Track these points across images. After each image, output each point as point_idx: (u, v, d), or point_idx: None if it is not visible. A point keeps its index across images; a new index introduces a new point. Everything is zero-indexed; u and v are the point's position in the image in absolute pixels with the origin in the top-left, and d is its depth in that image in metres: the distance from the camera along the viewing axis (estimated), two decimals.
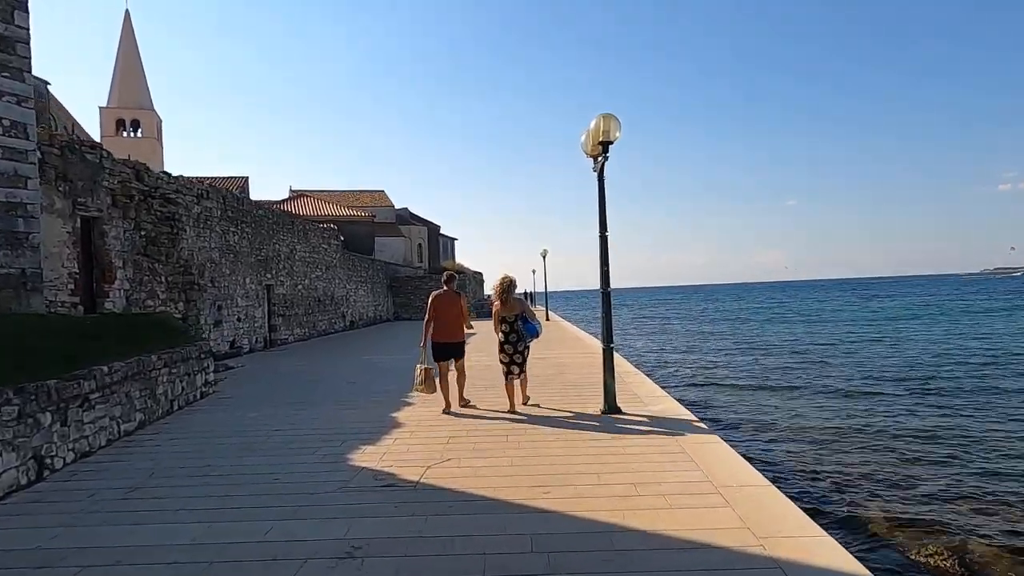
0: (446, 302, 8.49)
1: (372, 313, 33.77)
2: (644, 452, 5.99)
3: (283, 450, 6.49)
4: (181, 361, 9.28)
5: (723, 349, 31.82)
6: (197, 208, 15.49)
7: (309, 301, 23.69)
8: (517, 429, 7.10)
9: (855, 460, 10.46)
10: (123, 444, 7.03)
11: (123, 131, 58.74)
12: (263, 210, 19.97)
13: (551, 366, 12.81)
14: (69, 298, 11.12)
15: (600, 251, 7.91)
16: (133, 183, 12.94)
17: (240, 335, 17.53)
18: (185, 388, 9.39)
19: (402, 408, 8.58)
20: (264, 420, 8.09)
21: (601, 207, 7.91)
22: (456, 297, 8.61)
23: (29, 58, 10.16)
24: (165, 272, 13.66)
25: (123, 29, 61.98)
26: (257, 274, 18.97)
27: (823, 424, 13.36)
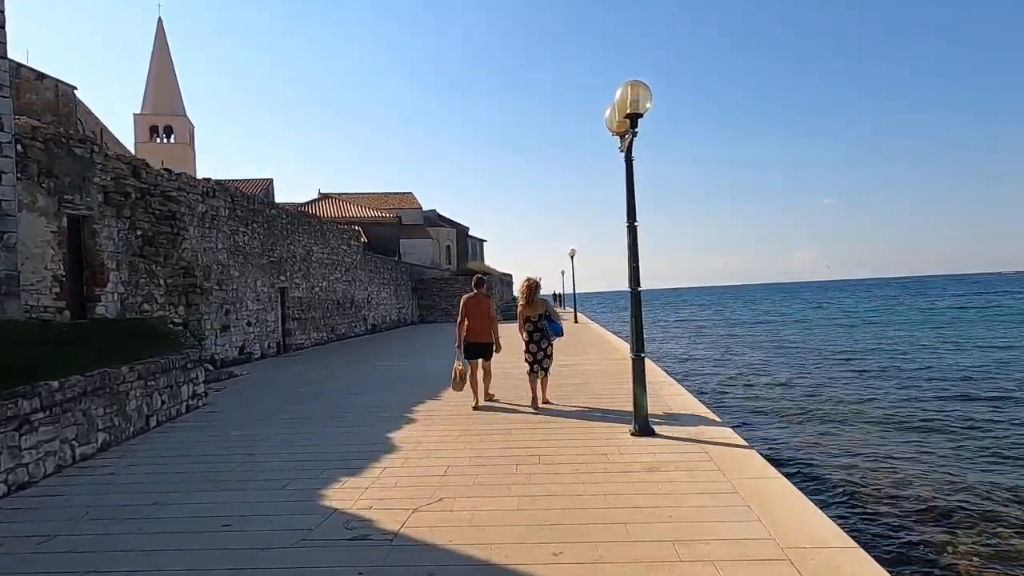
0: (477, 304, 8.86)
1: (395, 316, 32.93)
2: (685, 492, 4.79)
3: (248, 483, 5.46)
4: (161, 372, 8.36)
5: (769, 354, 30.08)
6: (202, 207, 14.69)
7: (327, 304, 22.87)
8: (529, 456, 5.96)
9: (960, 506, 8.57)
10: (75, 471, 6.08)
11: (157, 137, 59.32)
12: (276, 209, 19.17)
13: (575, 374, 11.63)
14: (53, 303, 10.32)
15: (629, 244, 6.73)
16: (128, 180, 12.14)
17: (250, 340, 16.71)
18: (166, 402, 8.46)
19: (402, 426, 7.51)
20: (243, 442, 7.08)
21: (629, 193, 6.73)
22: (485, 299, 8.97)
23: (4, 43, 9.38)
24: (164, 274, 12.85)
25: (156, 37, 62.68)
26: (269, 276, 18.16)
27: (906, 450, 11.39)
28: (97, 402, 6.86)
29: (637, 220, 6.73)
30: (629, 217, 6.70)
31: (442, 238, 63.58)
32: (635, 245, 6.71)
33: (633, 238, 6.71)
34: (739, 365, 25.91)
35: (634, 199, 6.73)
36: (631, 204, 6.71)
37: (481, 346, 8.86)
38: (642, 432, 6.59)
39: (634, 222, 6.71)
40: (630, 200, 6.72)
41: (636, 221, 6.72)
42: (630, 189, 6.72)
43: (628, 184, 6.73)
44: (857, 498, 8.84)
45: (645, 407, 6.66)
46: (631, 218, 6.70)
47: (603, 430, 6.98)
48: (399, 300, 34.04)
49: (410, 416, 8.12)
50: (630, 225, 6.71)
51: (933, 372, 21.24)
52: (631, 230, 6.71)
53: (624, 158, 6.77)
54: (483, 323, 8.84)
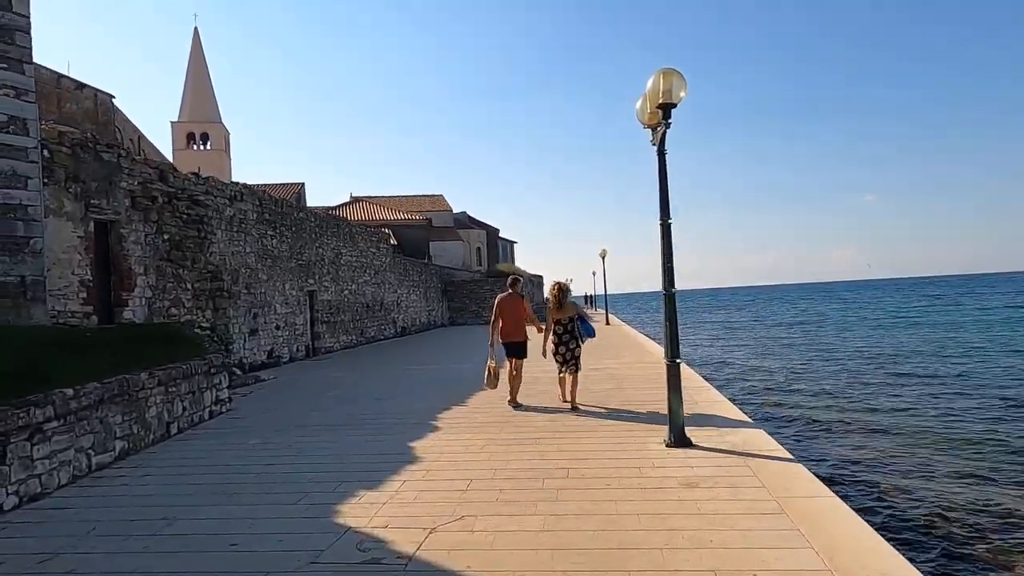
0: (510, 305, 9.10)
1: (425, 319, 32.82)
2: (727, 512, 4.39)
3: (263, 497, 5.21)
4: (183, 378, 8.22)
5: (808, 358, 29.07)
6: (230, 210, 14.66)
7: (356, 307, 22.80)
8: (558, 469, 5.61)
9: None
10: (90, 481, 5.92)
11: (193, 144, 60.53)
12: (304, 213, 19.14)
13: (607, 378, 11.22)
14: (80, 308, 10.30)
15: (662, 243, 6.34)
16: (155, 184, 12.12)
17: (279, 344, 16.66)
18: (188, 408, 8.31)
19: (425, 435, 7.21)
20: (261, 450, 6.87)
21: (662, 188, 6.34)
22: (519, 300, 9.19)
23: (30, 48, 9.36)
24: (191, 278, 12.81)
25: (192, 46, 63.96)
26: (298, 280, 18.11)
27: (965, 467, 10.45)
28: (115, 410, 6.72)
29: (671, 217, 6.33)
30: (662, 214, 6.31)
31: (472, 240, 63.53)
32: (669, 244, 6.32)
33: (667, 236, 6.31)
34: (778, 369, 24.93)
35: (667, 195, 6.34)
36: (664, 200, 6.32)
37: (516, 345, 9.09)
38: (678, 443, 6.19)
39: (667, 219, 6.32)
40: (663, 196, 6.32)
41: (670, 218, 6.33)
42: (663, 185, 6.33)
43: (661, 179, 6.33)
44: (916, 522, 8.24)
45: (681, 416, 6.25)
46: (664, 215, 6.30)
47: (636, 440, 6.58)
48: (429, 302, 33.94)
49: (435, 423, 7.83)
50: (663, 223, 6.31)
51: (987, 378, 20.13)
52: (664, 228, 6.32)
53: (656, 152, 6.38)
54: (517, 323, 9.08)
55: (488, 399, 9.50)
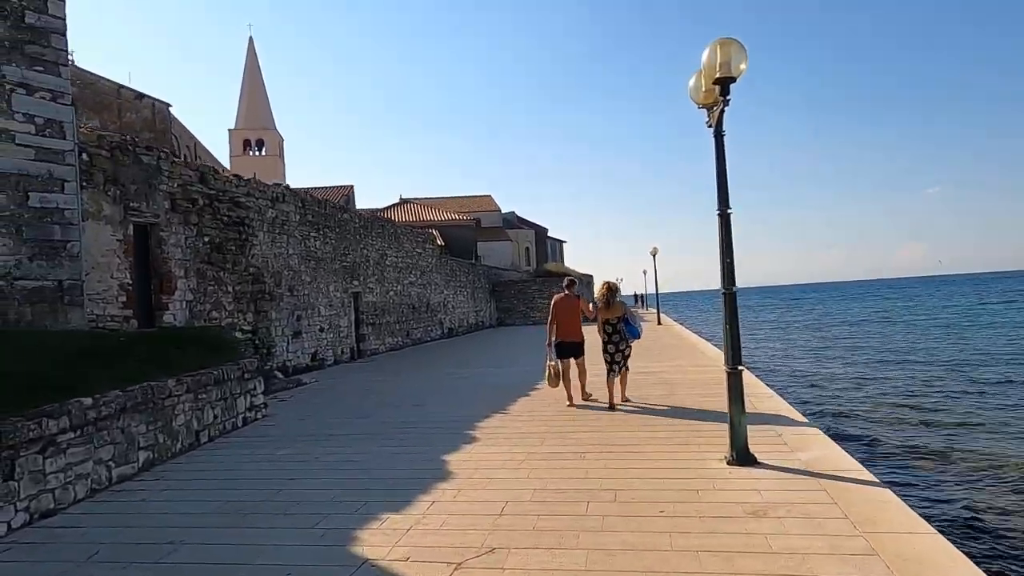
0: (567, 305, 9.14)
1: (473, 320, 32.48)
2: (804, 550, 3.70)
3: (279, 518, 4.77)
4: (214, 384, 7.93)
5: (878, 361, 27.13)
6: (272, 212, 14.52)
7: (402, 308, 22.57)
8: (604, 491, 5.00)
9: None
10: (108, 495, 5.62)
11: (249, 150, 62.13)
12: (348, 214, 18.96)
13: (659, 383, 10.50)
14: (120, 311, 10.21)
15: (720, 236, 5.65)
16: (196, 186, 12.01)
17: (323, 346, 16.48)
18: (219, 416, 8.02)
19: (461, 446, 6.70)
20: (289, 462, 6.47)
21: (720, 175, 5.65)
22: (576, 300, 9.27)
23: (65, 50, 9.27)
24: (232, 281, 12.67)
25: (247, 55, 65.65)
26: (342, 281, 17.93)
27: None
28: (138, 419, 6.43)
29: (731, 207, 5.63)
30: (720, 203, 5.62)
31: (521, 240, 63.12)
32: (728, 237, 5.62)
33: (725, 228, 5.62)
34: (845, 374, 23.25)
35: (726, 182, 5.64)
36: (723, 189, 5.62)
37: (573, 345, 9.10)
38: (741, 460, 5.49)
39: (727, 209, 5.62)
40: (721, 184, 5.63)
41: (729, 208, 5.63)
42: (721, 171, 5.64)
43: (719, 165, 5.64)
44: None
45: (744, 432, 5.55)
46: (723, 205, 5.61)
47: (693, 456, 5.91)
48: (476, 303, 33.59)
49: (472, 433, 7.31)
50: (722, 213, 5.62)
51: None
52: (723, 219, 5.62)
53: (713, 134, 5.70)
54: (574, 322, 9.11)
55: (531, 407, 8.94)
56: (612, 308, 8.84)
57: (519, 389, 10.65)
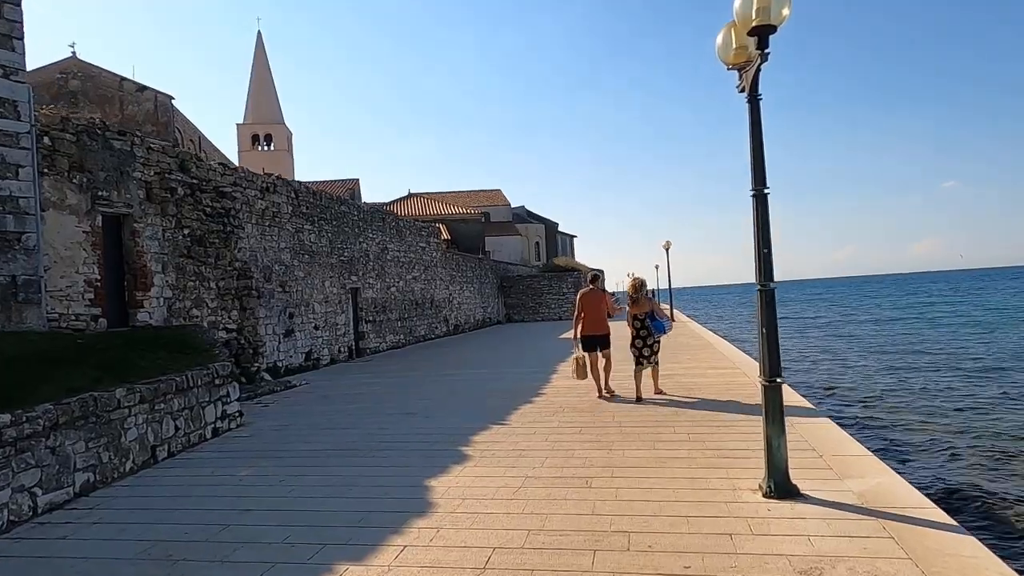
0: (592, 299, 9.34)
1: (480, 316, 31.57)
2: None
3: (212, 567, 3.87)
4: (176, 392, 7.06)
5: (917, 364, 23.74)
6: (261, 203, 13.66)
7: (404, 305, 21.69)
8: (615, 533, 4.06)
9: None
10: (29, 529, 4.76)
11: (258, 145, 61.56)
12: (346, 206, 18.08)
13: (676, 388, 9.53)
14: (87, 310, 9.37)
15: (755, 221, 4.68)
16: (175, 175, 11.15)
17: (318, 345, 15.63)
18: (182, 428, 7.15)
19: (450, 468, 5.78)
20: (247, 487, 5.59)
21: (755, 148, 4.68)
22: (601, 294, 9.49)
23: (20, 22, 8.39)
24: (215, 276, 11.82)
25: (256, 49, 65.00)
26: (339, 276, 17.06)
27: None
28: (76, 436, 5.56)
29: (768, 186, 4.66)
30: (756, 181, 4.65)
31: (531, 234, 62.16)
32: (765, 221, 4.65)
33: (762, 211, 4.65)
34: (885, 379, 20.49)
35: (762, 156, 4.67)
36: (758, 163, 4.66)
37: (598, 338, 9.21)
38: (781, 492, 4.53)
39: (763, 188, 4.65)
40: (757, 158, 4.66)
41: (767, 187, 4.66)
42: (756, 142, 4.67)
43: (754, 136, 4.67)
44: None
45: (784, 457, 4.59)
46: (759, 182, 4.64)
47: (721, 483, 4.95)
48: (484, 299, 32.67)
49: (464, 450, 6.39)
50: (757, 193, 4.66)
51: None
52: (759, 200, 4.66)
53: (747, 99, 4.72)
54: (599, 316, 9.27)
55: (533, 416, 8.02)
56: (639, 304, 9.02)
57: (522, 394, 9.73)
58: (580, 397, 9.30)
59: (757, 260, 4.64)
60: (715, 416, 7.46)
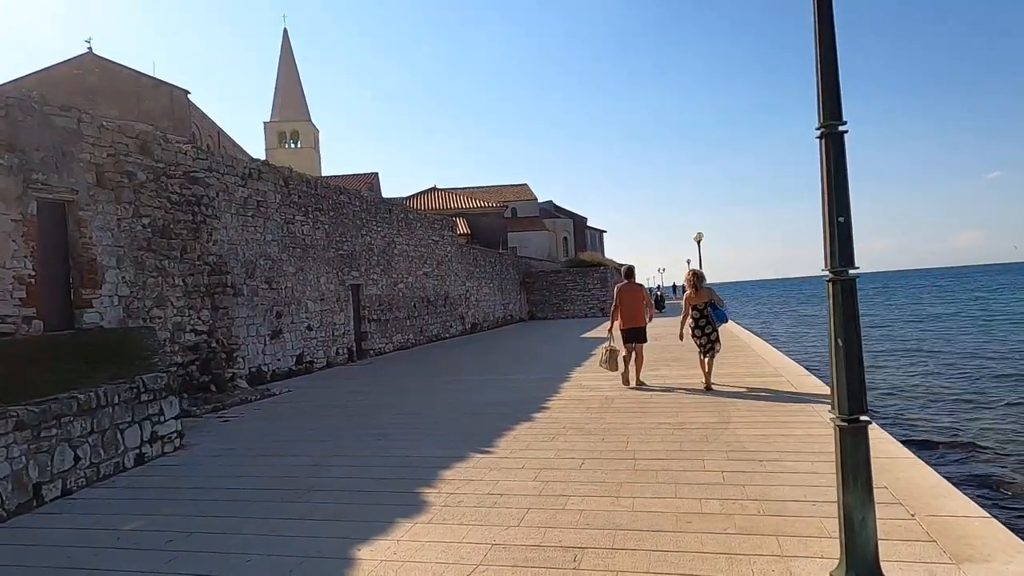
0: (630, 293, 9.64)
1: (500, 313, 30.06)
2: None
3: None
4: (76, 414, 5.68)
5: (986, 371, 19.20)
6: (243, 191, 12.33)
7: (414, 302, 20.29)
8: None
9: None
10: None
11: (285, 143, 61.16)
12: (346, 195, 16.72)
13: (705, 403, 7.87)
14: (16, 311, 8.09)
15: (824, 173, 3.05)
16: (132, 157, 9.86)
17: (311, 347, 14.29)
18: (88, 457, 5.78)
19: (394, 525, 4.26)
20: (122, 549, 4.15)
21: (825, 51, 3.04)
22: (639, 288, 9.79)
23: None
24: (182, 272, 10.50)
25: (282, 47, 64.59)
26: (338, 272, 15.71)
27: None
28: None
29: (844, 121, 3.03)
30: (827, 112, 3.02)
31: (559, 229, 60.52)
32: (840, 174, 3.02)
33: (836, 157, 3.02)
34: (972, 397, 15.21)
35: (836, 73, 3.03)
36: (830, 80, 3.02)
37: (636, 330, 9.56)
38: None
39: (837, 123, 3.02)
40: (828, 74, 3.03)
41: (842, 122, 3.02)
42: (826, 45, 3.03)
43: (822, 38, 3.04)
44: None
45: (873, 541, 2.96)
46: (831, 113, 3.01)
47: (773, 570, 3.34)
48: (504, 295, 31.15)
49: (424, 495, 4.87)
50: (828, 130, 3.02)
51: None
52: (831, 142, 3.02)
53: None
54: (637, 309, 9.59)
55: (527, 440, 6.47)
56: (699, 294, 9.17)
57: (523, 408, 8.20)
58: (589, 413, 7.72)
59: (827, 233, 3.01)
60: (757, 446, 5.80)
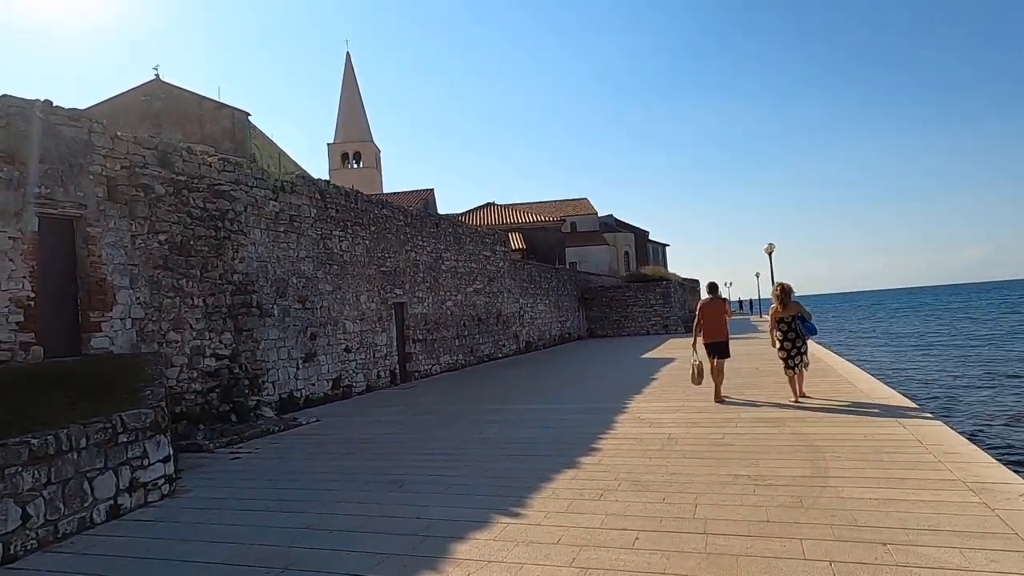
0: (712, 308, 9.96)
1: (556, 331, 28.73)
2: None
3: None
4: (27, 463, 4.78)
5: None
6: (274, 205, 11.59)
7: (464, 321, 19.26)
8: None
9: None
10: None
11: (347, 163, 62.16)
12: (389, 209, 15.88)
13: (797, 447, 6.40)
14: (13, 336, 7.41)
15: None
16: (149, 169, 9.19)
17: (350, 370, 13.40)
18: (42, 514, 4.86)
19: None
20: None
21: None
22: (721, 303, 10.10)
23: None
24: (202, 292, 9.75)
25: (345, 71, 65.90)
26: (379, 290, 14.84)
27: None
28: None
29: None
30: None
31: (620, 244, 58.86)
32: None
33: None
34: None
35: None
36: None
37: (718, 344, 9.76)
38: None
39: None
40: None
41: None
42: None
43: None
44: None
45: None
46: None
47: None
48: (561, 312, 29.82)
49: None
50: None
51: None
52: None
53: None
54: (719, 324, 9.80)
55: (566, 502, 5.19)
56: (787, 307, 9.24)
57: (569, 448, 6.94)
58: (647, 457, 6.38)
59: None
60: (874, 518, 4.35)
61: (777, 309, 9.34)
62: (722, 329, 9.76)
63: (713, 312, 9.84)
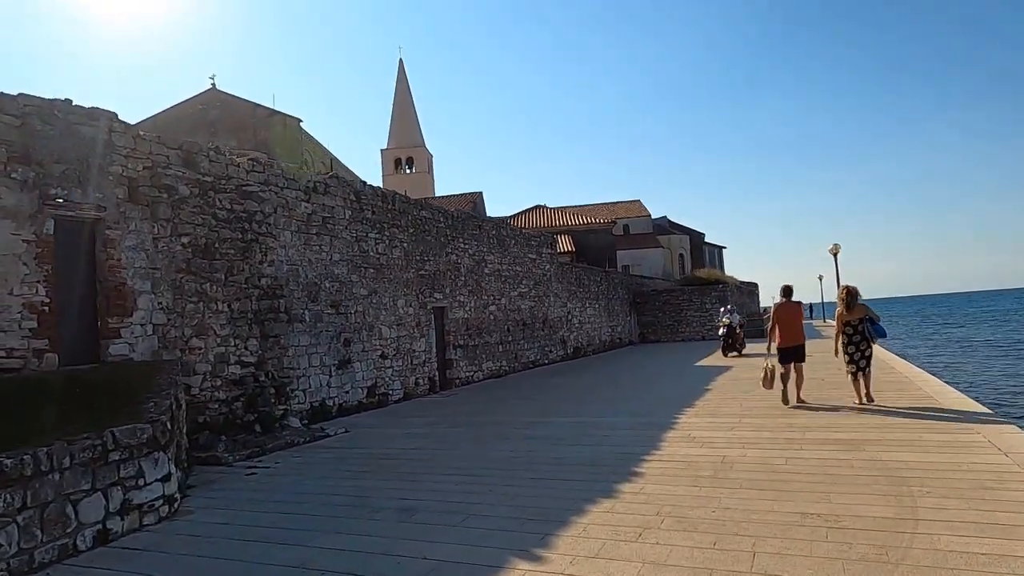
0: (788, 311, 9.70)
1: (607, 336, 27.75)
2: None
3: None
4: None
5: None
6: (306, 207, 11.20)
7: (508, 326, 18.60)
8: None
9: None
10: None
11: (400, 169, 62.66)
12: (429, 211, 15.37)
13: (877, 478, 5.45)
14: (27, 343, 7.14)
15: None
16: (172, 170, 8.88)
17: (386, 378, 12.90)
18: (16, 542, 4.42)
19: None
20: None
21: None
22: (797, 306, 9.84)
23: None
24: (227, 296, 9.39)
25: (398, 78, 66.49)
26: (418, 294, 14.32)
27: None
28: None
29: None
30: None
31: (674, 246, 57.28)
32: None
33: None
34: None
35: None
36: None
37: (794, 349, 9.51)
38: None
39: None
40: None
41: None
42: None
43: None
44: None
45: None
46: None
47: None
48: (612, 317, 28.82)
49: None
50: None
51: None
52: None
53: None
54: (795, 328, 9.56)
55: (597, 542, 4.42)
56: (853, 310, 9.11)
57: (606, 474, 6.17)
58: (697, 486, 5.54)
59: None
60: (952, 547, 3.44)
61: (843, 312, 9.18)
62: (799, 333, 9.53)
63: (789, 315, 9.58)
